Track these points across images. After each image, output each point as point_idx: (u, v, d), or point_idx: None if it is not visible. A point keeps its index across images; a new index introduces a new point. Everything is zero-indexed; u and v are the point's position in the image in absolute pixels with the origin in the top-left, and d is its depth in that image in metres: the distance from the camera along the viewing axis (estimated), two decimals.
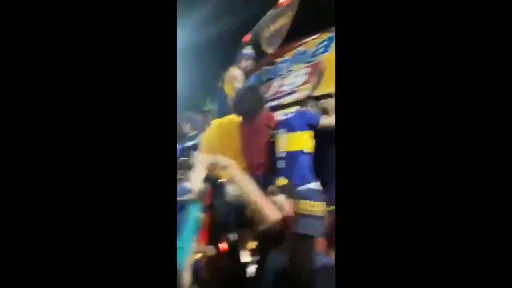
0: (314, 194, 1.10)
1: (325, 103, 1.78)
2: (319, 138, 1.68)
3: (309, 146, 1.66)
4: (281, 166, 1.70)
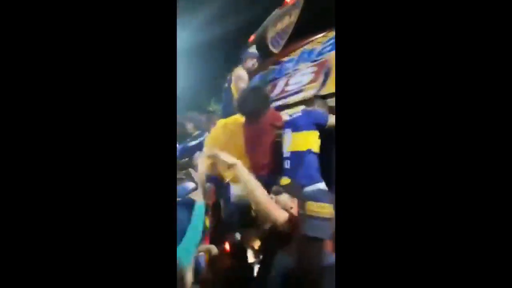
0: (322, 195, 1.08)
1: (332, 102, 1.76)
2: (325, 137, 1.66)
3: (316, 146, 1.64)
4: (287, 166, 1.68)
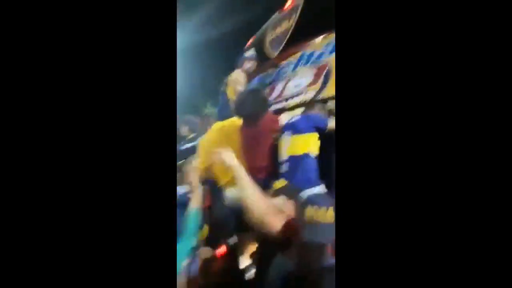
0: (321, 199, 1.06)
1: (332, 105, 1.74)
2: (325, 141, 1.64)
3: (314, 149, 1.62)
4: (285, 169, 1.65)
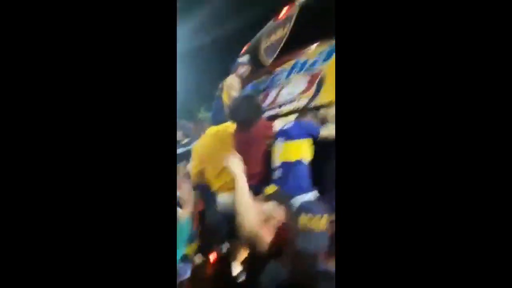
0: (315, 206, 1.06)
1: (324, 113, 1.76)
2: (316, 147, 1.66)
3: (307, 156, 1.64)
4: (277, 175, 1.67)
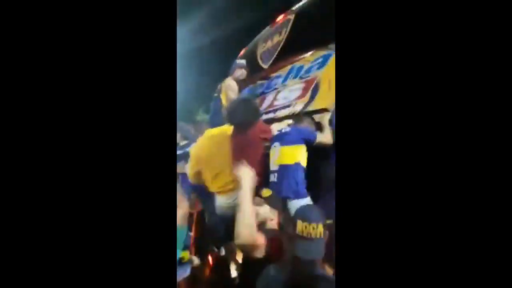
0: (310, 211, 1.07)
1: (319, 118, 1.80)
2: (312, 153, 1.68)
3: (303, 161, 1.66)
4: (273, 179, 1.70)
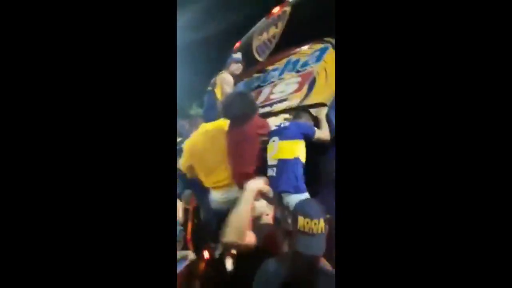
0: (311, 207, 1.06)
1: (316, 112, 1.79)
2: (311, 148, 1.68)
3: (302, 155, 1.66)
4: (270, 173, 1.69)
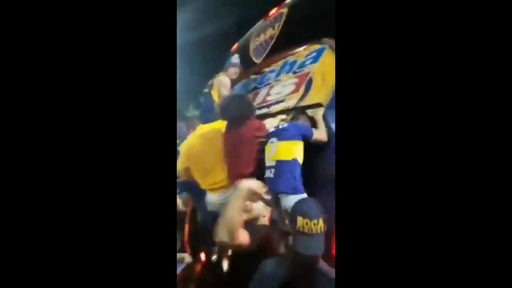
0: (310, 208, 1.06)
1: (312, 113, 1.79)
2: (309, 149, 1.67)
3: (300, 157, 1.65)
4: (269, 174, 1.68)
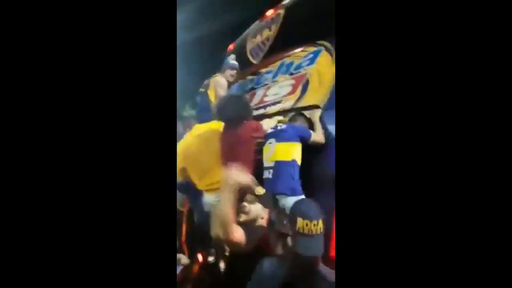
0: (309, 209, 1.06)
1: (309, 115, 1.79)
2: (307, 151, 1.67)
3: (298, 158, 1.66)
4: (267, 176, 1.68)
